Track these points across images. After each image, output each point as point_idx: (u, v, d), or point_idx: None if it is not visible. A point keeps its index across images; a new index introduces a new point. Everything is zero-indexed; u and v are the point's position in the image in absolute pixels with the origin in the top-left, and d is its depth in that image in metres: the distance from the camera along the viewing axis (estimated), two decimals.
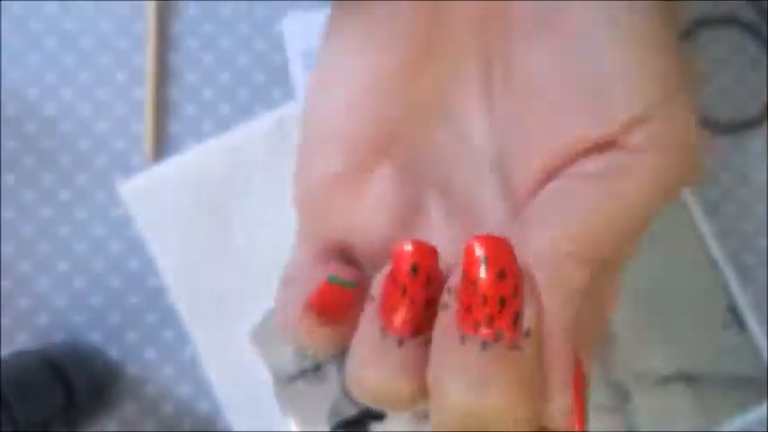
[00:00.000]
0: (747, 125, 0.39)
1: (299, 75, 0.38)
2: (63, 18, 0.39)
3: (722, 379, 0.36)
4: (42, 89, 0.38)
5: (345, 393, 0.35)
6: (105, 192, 0.38)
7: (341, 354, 0.36)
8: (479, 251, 0.16)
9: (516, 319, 0.16)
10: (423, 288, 0.17)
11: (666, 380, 0.35)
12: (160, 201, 0.37)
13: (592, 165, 0.17)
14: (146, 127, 0.38)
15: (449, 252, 0.18)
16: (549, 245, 0.17)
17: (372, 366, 0.17)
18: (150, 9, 0.39)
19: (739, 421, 0.36)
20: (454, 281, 0.16)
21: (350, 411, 0.35)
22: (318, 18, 0.38)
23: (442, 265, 0.17)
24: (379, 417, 0.35)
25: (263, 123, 0.38)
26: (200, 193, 0.37)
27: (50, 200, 0.38)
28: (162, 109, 0.38)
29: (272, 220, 0.37)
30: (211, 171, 0.37)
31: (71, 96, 0.38)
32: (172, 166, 0.37)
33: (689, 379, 0.35)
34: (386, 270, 0.17)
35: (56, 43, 0.38)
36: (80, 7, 0.39)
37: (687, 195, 0.37)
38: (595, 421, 0.35)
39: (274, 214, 0.37)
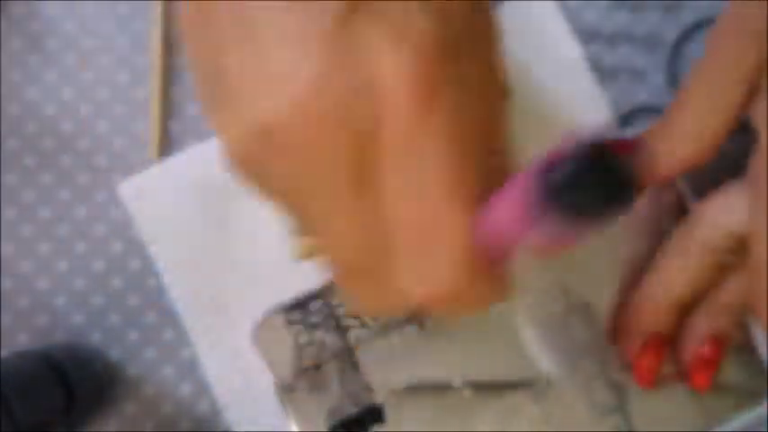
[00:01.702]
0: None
1: None
2: (64, 19, 0.39)
3: (722, 379, 0.36)
4: (43, 89, 0.38)
5: (346, 393, 0.35)
6: (105, 192, 0.38)
7: (340, 353, 0.36)
8: None
9: None
10: None
11: (666, 380, 0.35)
12: (160, 201, 0.37)
13: None
14: (150, 128, 0.38)
15: None
16: None
17: None
18: (153, 9, 0.39)
19: (739, 421, 0.36)
20: None
21: (350, 412, 0.35)
22: None
23: None
24: (378, 418, 0.35)
25: None
26: (201, 192, 0.37)
27: (50, 200, 0.38)
28: (164, 109, 0.38)
29: (272, 220, 0.37)
30: (212, 171, 0.37)
31: (72, 96, 0.38)
32: (172, 165, 0.37)
33: (687, 380, 0.35)
34: None
35: (57, 44, 0.38)
36: (81, 8, 0.39)
37: (685, 197, 0.37)
38: (595, 421, 0.35)
39: (274, 214, 0.37)
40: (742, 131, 0.32)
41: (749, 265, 0.31)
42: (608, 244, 0.36)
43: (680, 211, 0.37)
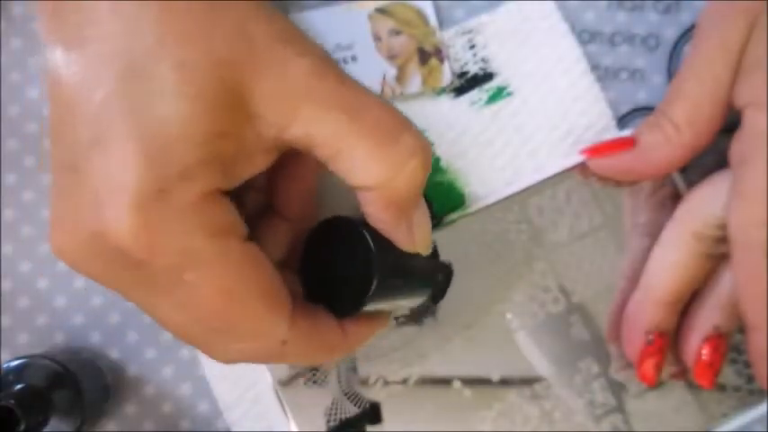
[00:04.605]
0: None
1: None
2: None
3: (722, 379, 0.36)
4: (43, 89, 0.38)
5: (345, 393, 0.35)
6: None
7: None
8: None
9: None
10: None
11: (666, 379, 0.35)
12: None
13: None
14: None
15: None
16: None
17: None
18: None
19: (739, 421, 0.36)
20: None
21: (348, 412, 0.35)
22: (318, 18, 0.38)
23: None
24: (375, 419, 0.35)
25: None
26: None
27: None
28: None
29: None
30: None
31: None
32: None
33: (689, 379, 0.35)
34: None
35: None
36: None
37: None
38: (594, 421, 0.35)
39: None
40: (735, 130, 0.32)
41: (731, 257, 0.31)
42: (608, 244, 0.36)
43: None
